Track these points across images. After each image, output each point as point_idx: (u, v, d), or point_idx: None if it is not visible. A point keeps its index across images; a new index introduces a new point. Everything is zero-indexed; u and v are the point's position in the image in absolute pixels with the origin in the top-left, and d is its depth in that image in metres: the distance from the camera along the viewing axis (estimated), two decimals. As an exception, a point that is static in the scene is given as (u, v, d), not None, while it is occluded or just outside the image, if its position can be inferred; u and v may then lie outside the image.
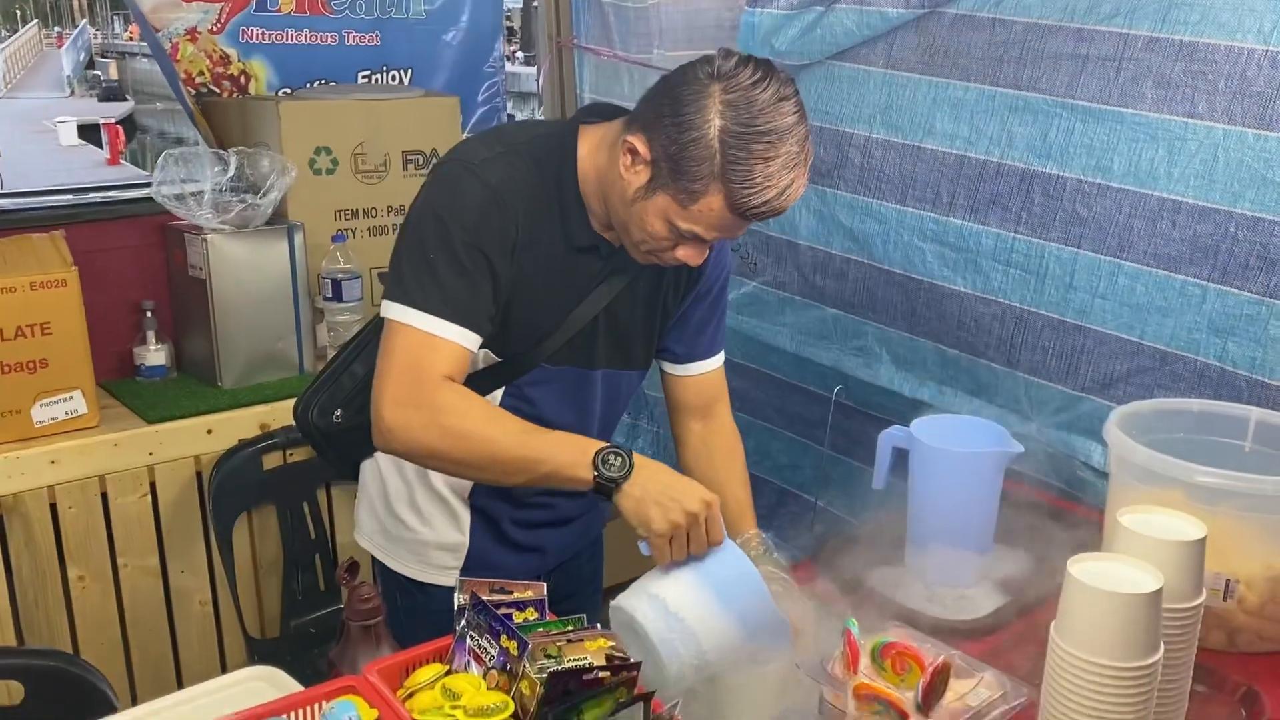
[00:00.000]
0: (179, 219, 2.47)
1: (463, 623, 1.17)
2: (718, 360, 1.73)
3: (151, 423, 2.32)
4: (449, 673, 1.14)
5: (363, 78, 3.00)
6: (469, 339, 1.38)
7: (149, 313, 2.55)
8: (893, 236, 2.23)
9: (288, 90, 2.86)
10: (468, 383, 1.42)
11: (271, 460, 2.40)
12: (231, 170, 2.46)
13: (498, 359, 1.50)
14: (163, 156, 2.40)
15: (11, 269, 2.17)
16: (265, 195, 2.45)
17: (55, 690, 1.67)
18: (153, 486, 2.32)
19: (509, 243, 1.40)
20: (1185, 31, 1.79)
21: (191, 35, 2.76)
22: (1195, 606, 1.26)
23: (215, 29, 2.77)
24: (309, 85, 2.89)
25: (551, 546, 1.69)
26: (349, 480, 1.77)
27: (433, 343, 1.35)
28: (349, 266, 2.59)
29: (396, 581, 1.66)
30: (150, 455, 2.30)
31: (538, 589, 1.25)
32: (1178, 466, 1.42)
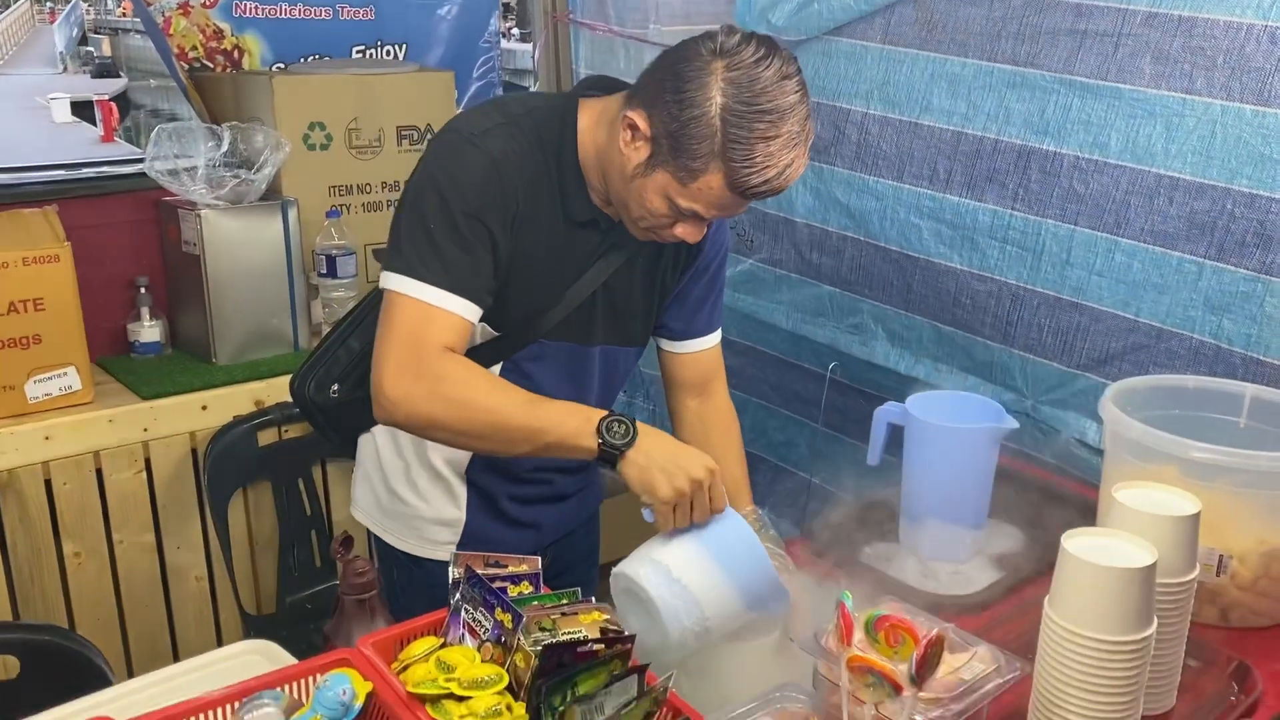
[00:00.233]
0: (173, 194, 2.45)
1: (457, 596, 1.17)
2: (715, 338, 1.72)
3: (146, 399, 2.32)
4: (443, 646, 1.14)
5: (357, 53, 2.99)
6: (469, 310, 1.37)
7: (143, 289, 2.54)
8: (889, 213, 2.22)
9: (281, 65, 2.84)
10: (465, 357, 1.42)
11: (267, 437, 2.39)
12: (225, 145, 2.44)
13: (495, 334, 1.49)
14: (156, 131, 2.38)
15: (4, 244, 2.16)
16: (259, 171, 2.44)
17: (51, 665, 1.67)
18: (148, 463, 2.32)
19: (509, 215, 1.39)
20: (1184, 7, 1.77)
21: (184, 9, 2.74)
22: (1188, 581, 1.26)
23: (209, 3, 2.75)
24: (303, 60, 2.88)
25: (548, 522, 1.70)
26: (345, 456, 1.77)
27: (433, 314, 1.34)
28: (343, 243, 2.58)
29: (393, 556, 1.66)
30: (145, 431, 2.30)
31: (532, 563, 1.25)
32: (1173, 442, 1.42)
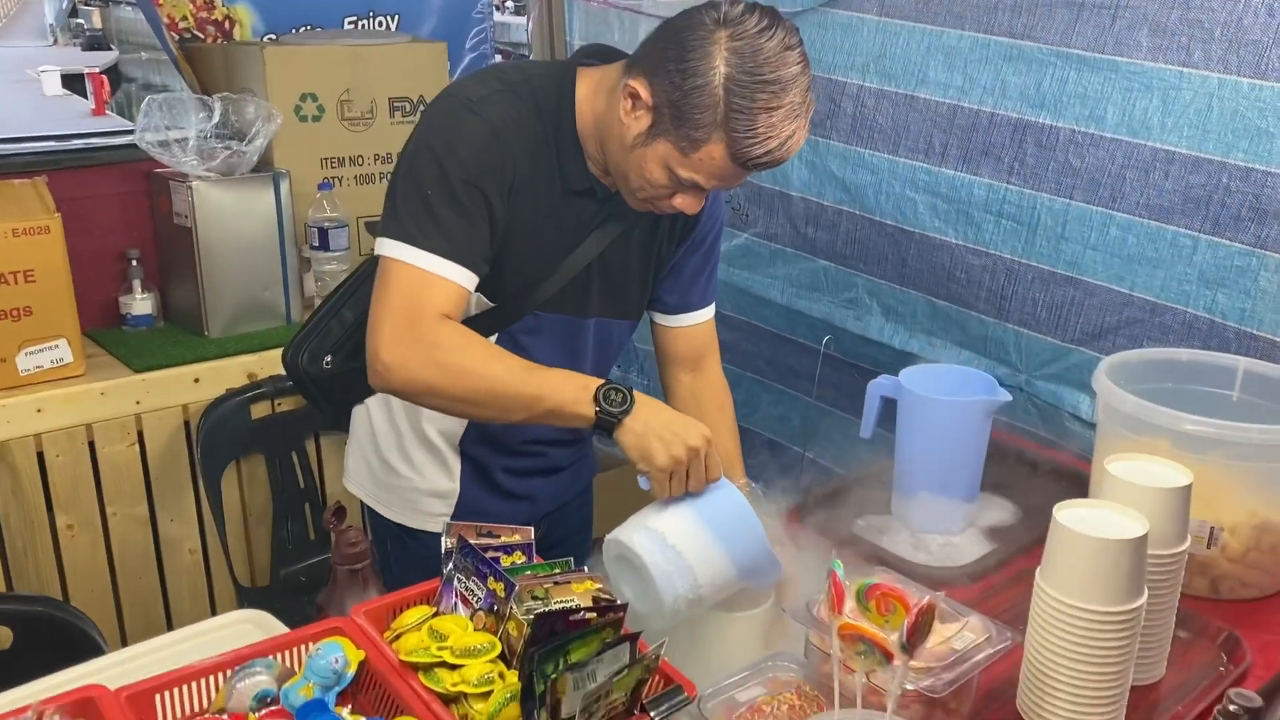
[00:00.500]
0: (164, 166, 2.44)
1: (450, 566, 1.17)
2: (709, 312, 1.72)
3: (138, 371, 2.31)
4: (436, 615, 1.15)
5: (349, 23, 2.96)
6: (466, 278, 1.36)
7: (134, 261, 2.53)
8: (884, 187, 2.21)
9: (273, 36, 2.82)
10: (459, 328, 1.41)
11: (260, 410, 2.39)
12: (216, 117, 2.42)
13: (491, 305, 1.49)
14: (146, 102, 2.36)
15: (-7, 215, 2.15)
16: (251, 142, 2.42)
17: (44, 636, 1.67)
18: (140, 435, 2.31)
19: (506, 182, 1.38)
20: (1183, -22, 1.76)
21: (174, -22, 2.71)
22: (1180, 553, 1.27)
23: (199, -28, 2.73)
24: (294, 31, 2.85)
25: (542, 495, 1.70)
26: (339, 429, 1.76)
27: (430, 280, 1.33)
28: (335, 215, 2.56)
29: (387, 528, 1.66)
30: (137, 404, 2.29)
31: (525, 533, 1.25)
32: (1165, 415, 1.42)
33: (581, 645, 1.02)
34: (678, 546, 1.23)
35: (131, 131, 2.42)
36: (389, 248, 1.35)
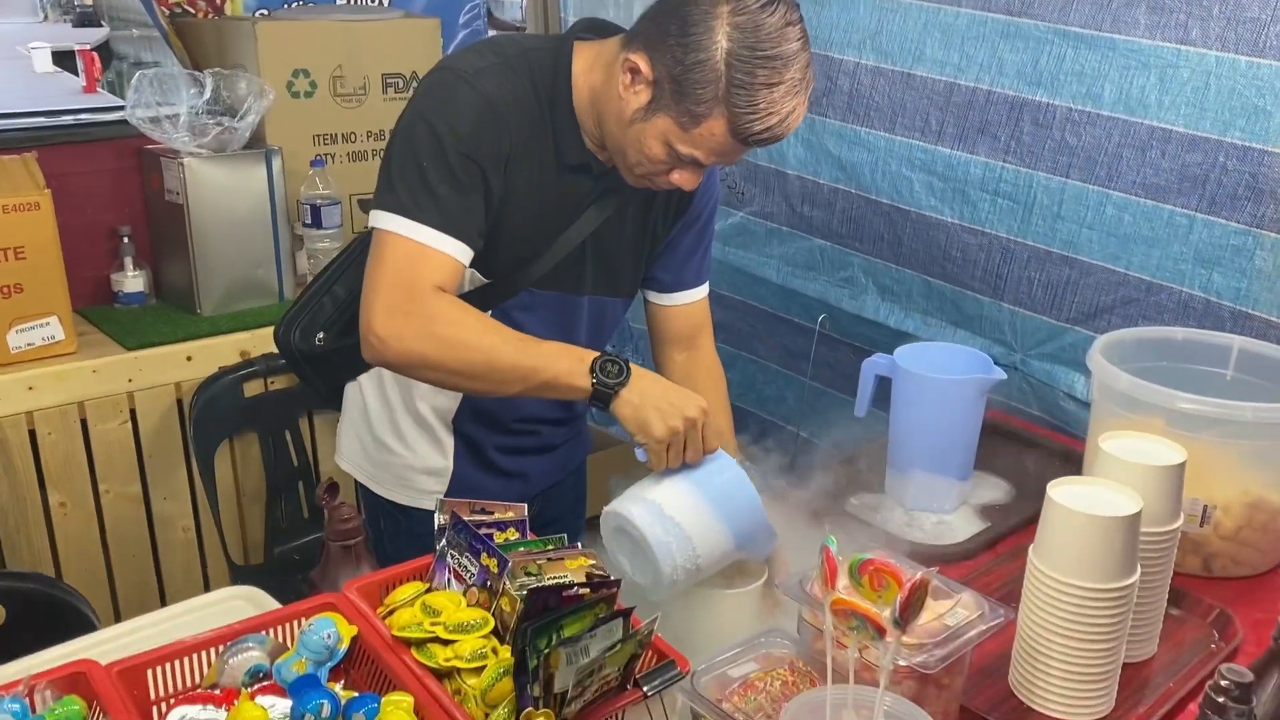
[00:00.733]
0: (155, 142, 2.42)
1: (443, 542, 1.17)
2: (703, 290, 1.71)
3: (130, 349, 2.30)
4: (429, 591, 1.14)
5: (342, -1, 2.94)
6: (462, 252, 1.35)
7: (126, 238, 2.51)
8: (881, 166, 2.20)
9: (265, 11, 2.79)
10: (453, 305, 1.40)
11: (253, 388, 2.38)
12: (208, 93, 2.40)
13: (485, 281, 1.48)
14: (137, 77, 2.34)
15: (-17, 191, 2.13)
16: (242, 118, 2.40)
17: (37, 613, 1.67)
18: (133, 414, 2.30)
19: (502, 156, 1.37)
20: (1181, -45, 1.75)
21: (165, -48, 2.68)
22: (1172, 530, 1.27)
23: (189, -54, 2.70)
24: (287, 6, 2.83)
25: (535, 473, 1.69)
26: (332, 407, 1.76)
27: (426, 253, 1.32)
28: (328, 192, 2.55)
29: (380, 506, 1.66)
30: (130, 382, 2.28)
31: (518, 510, 1.24)
32: (1159, 393, 1.42)
33: (575, 621, 1.01)
34: (676, 517, 1.23)
35: (123, 108, 2.40)
36: (384, 220, 1.34)
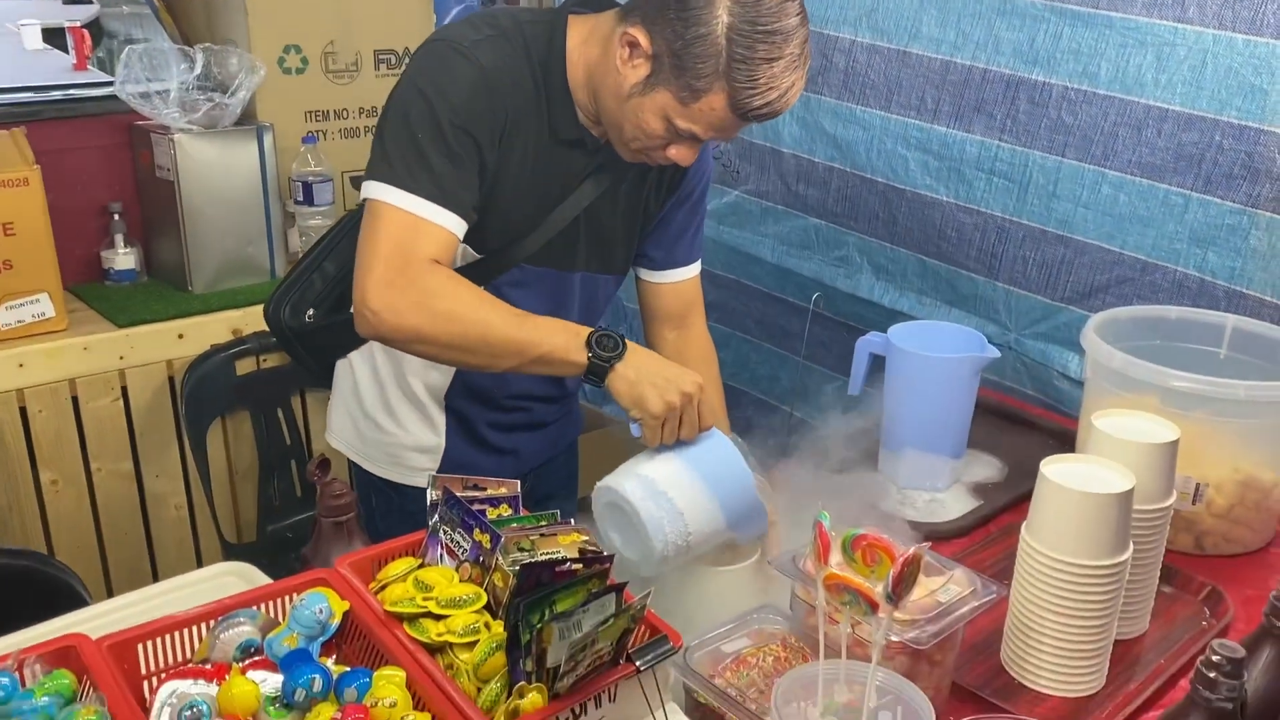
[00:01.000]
0: (145, 118, 2.40)
1: (435, 518, 1.16)
2: (695, 268, 1.71)
3: (121, 327, 2.29)
4: (421, 566, 1.14)
5: (334, -26, 2.90)
6: (457, 224, 1.34)
7: (117, 215, 2.49)
8: (876, 144, 2.19)
9: (256, -14, 2.76)
10: (444, 281, 1.39)
11: (245, 366, 2.37)
12: (198, 68, 2.38)
13: (477, 256, 1.47)
14: (126, 52, 2.32)
15: (-29, 166, 2.11)
16: (233, 94, 2.38)
17: (29, 590, 1.67)
18: (124, 391, 2.30)
19: (498, 129, 1.36)
20: (1180, -68, 1.74)
21: (154, -74, 2.65)
22: (1165, 508, 1.27)
23: (179, -80, 2.67)
24: (278, -19, 2.79)
25: (528, 449, 1.69)
26: (323, 385, 1.75)
27: (420, 225, 1.31)
28: (320, 169, 2.53)
29: (372, 483, 1.66)
30: (121, 359, 2.27)
31: (511, 486, 1.24)
32: (1153, 371, 1.42)
33: (567, 596, 1.01)
34: (669, 493, 1.23)
35: (113, 84, 2.38)
36: (377, 190, 1.32)
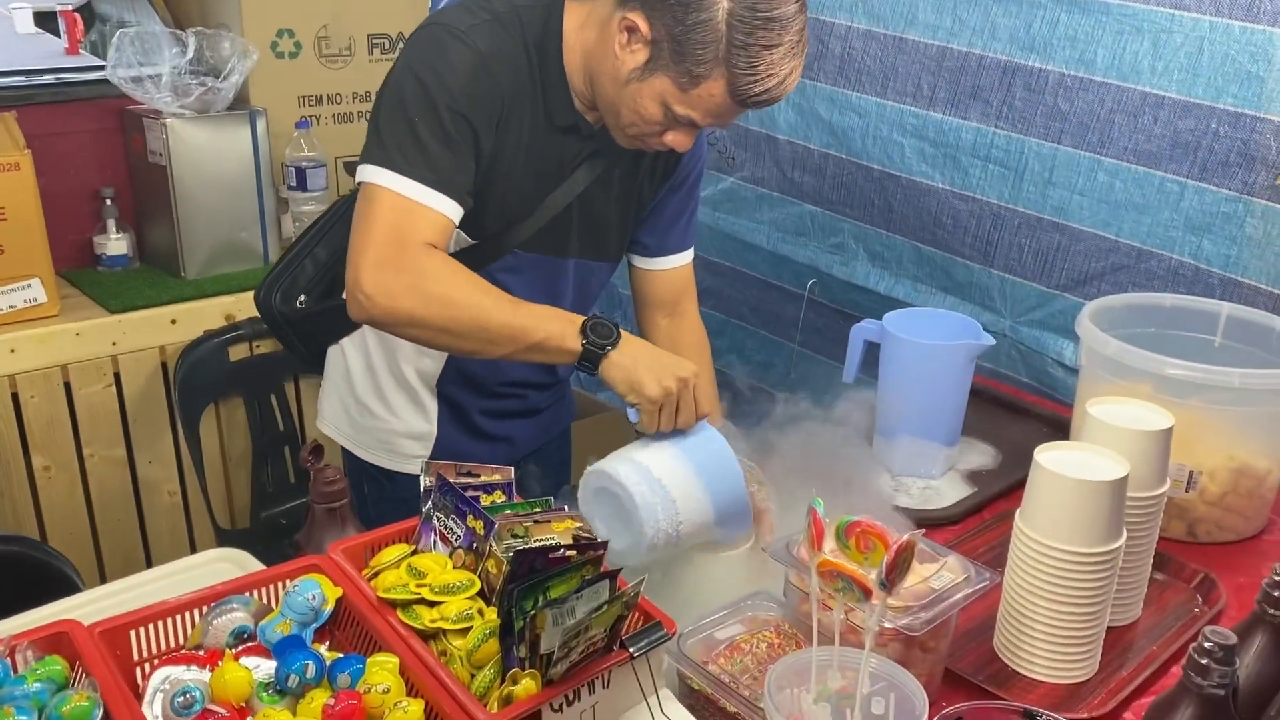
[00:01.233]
0: (138, 103, 2.38)
1: (429, 504, 1.16)
2: (687, 256, 1.70)
3: (114, 312, 2.28)
4: (415, 553, 1.14)
5: (328, -42, 2.88)
6: (452, 209, 1.33)
7: (109, 200, 2.48)
8: (872, 131, 2.19)
9: (249, -30, 2.74)
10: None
11: (238, 352, 2.37)
12: (190, 52, 2.37)
13: (471, 242, 1.46)
14: (118, 35, 2.30)
15: (-39, 150, 2.10)
16: (226, 79, 2.37)
17: (21, 575, 1.67)
18: (117, 377, 2.29)
19: (494, 114, 1.35)
20: (1178, -83, 1.73)
21: (146, -92, 2.63)
22: (1158, 496, 1.27)
23: (171, -98, 2.65)
24: (271, -35, 2.77)
25: (520, 436, 1.69)
26: (314, 371, 1.74)
27: (416, 209, 1.30)
28: (313, 155, 2.52)
29: (363, 470, 1.65)
30: (113, 345, 2.26)
31: (505, 472, 1.24)
32: (1148, 359, 1.42)
33: (561, 582, 1.01)
34: (663, 480, 1.23)
35: (104, 68, 2.36)
36: (372, 174, 1.31)
